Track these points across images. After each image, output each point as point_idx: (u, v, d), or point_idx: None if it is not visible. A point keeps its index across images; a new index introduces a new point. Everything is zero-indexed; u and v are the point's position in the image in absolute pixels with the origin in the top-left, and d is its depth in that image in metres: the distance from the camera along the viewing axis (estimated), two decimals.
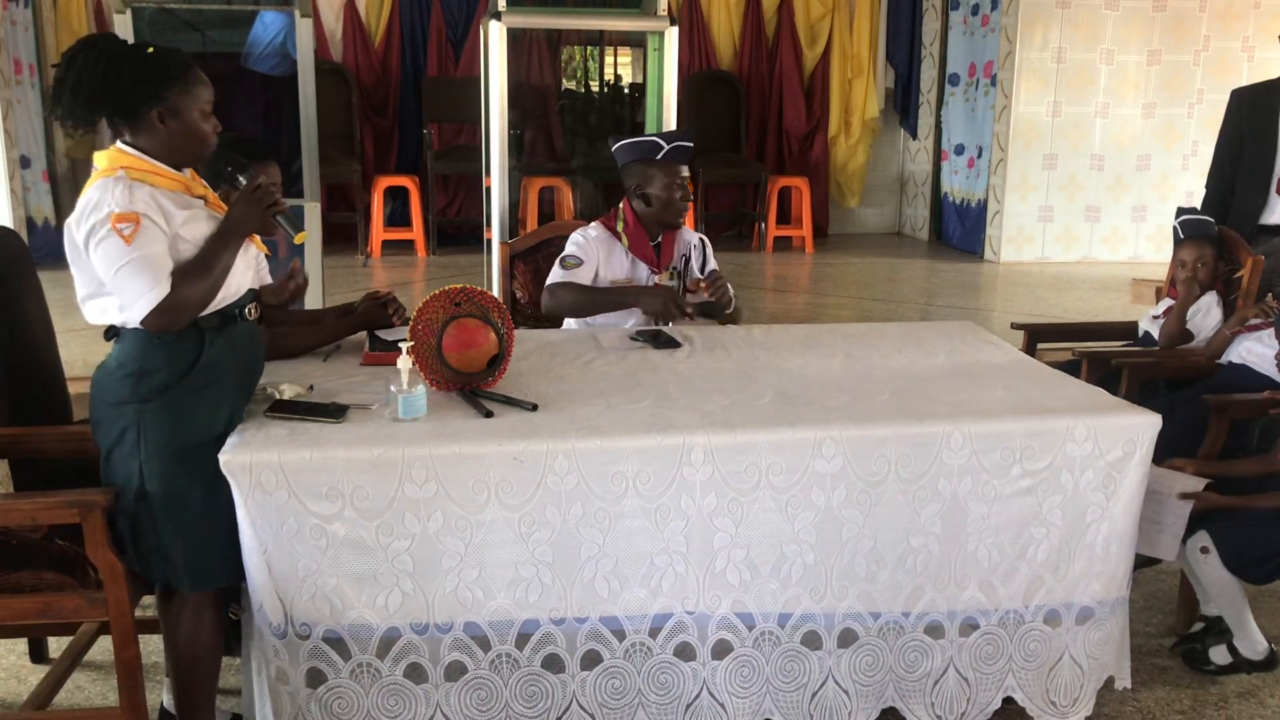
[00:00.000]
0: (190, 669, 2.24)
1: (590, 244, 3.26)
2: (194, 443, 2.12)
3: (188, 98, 2.11)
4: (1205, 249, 3.58)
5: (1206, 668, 2.79)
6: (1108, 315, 6.35)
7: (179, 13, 6.50)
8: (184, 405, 2.12)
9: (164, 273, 2.04)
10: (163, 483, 2.11)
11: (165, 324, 2.06)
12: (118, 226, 2.01)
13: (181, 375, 2.12)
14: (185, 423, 2.12)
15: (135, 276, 2.02)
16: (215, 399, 2.17)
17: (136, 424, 2.11)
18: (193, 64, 2.15)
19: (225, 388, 2.19)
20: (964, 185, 9.04)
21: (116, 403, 2.12)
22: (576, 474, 2.15)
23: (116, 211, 2.02)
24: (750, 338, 3.00)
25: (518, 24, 5.19)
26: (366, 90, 8.69)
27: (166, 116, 2.11)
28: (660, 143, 3.23)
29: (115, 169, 2.08)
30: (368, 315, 2.86)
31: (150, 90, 2.08)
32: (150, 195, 2.07)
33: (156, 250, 2.05)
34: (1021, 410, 2.38)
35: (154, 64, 2.09)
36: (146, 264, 2.02)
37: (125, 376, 2.11)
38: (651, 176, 3.23)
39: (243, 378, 2.27)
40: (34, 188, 7.61)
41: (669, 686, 2.29)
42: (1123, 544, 2.39)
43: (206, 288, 2.10)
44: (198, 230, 2.13)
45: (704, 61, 9.20)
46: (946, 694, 2.39)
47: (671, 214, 3.26)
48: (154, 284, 2.03)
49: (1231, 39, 8.33)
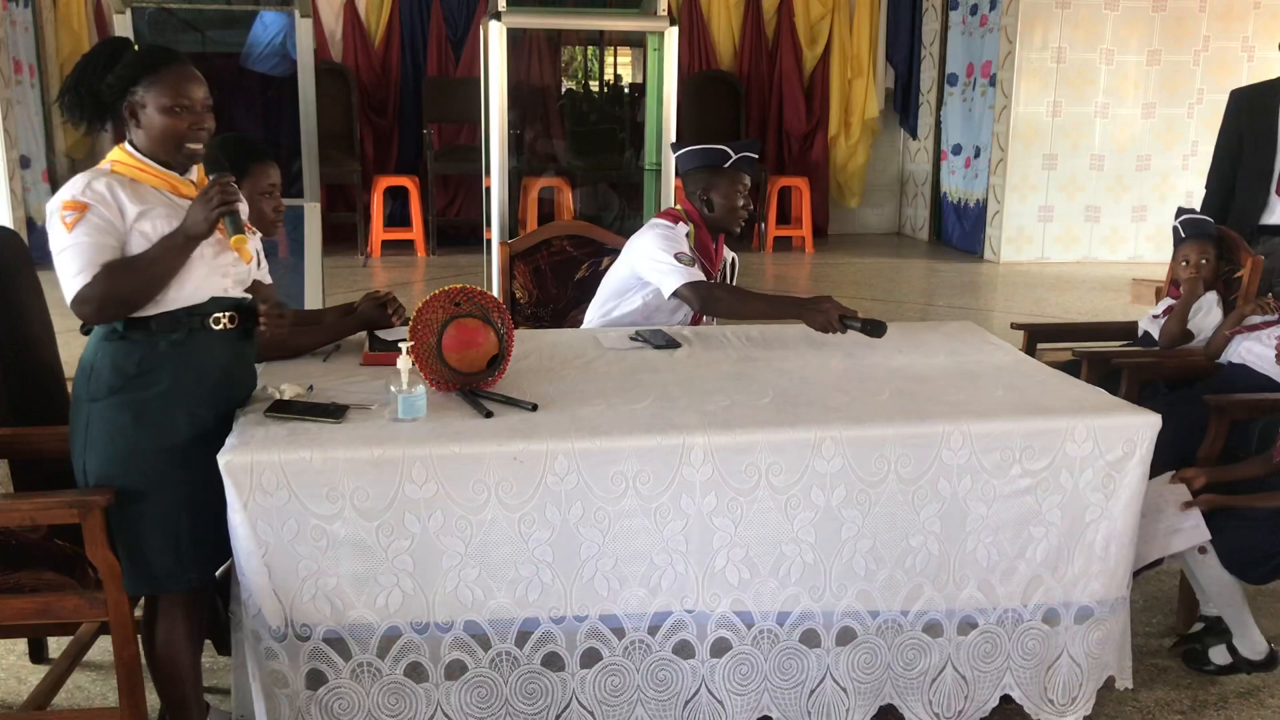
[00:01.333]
0: (168, 674, 2.24)
1: (682, 240, 3.26)
2: (138, 448, 2.10)
3: (155, 92, 2.08)
4: (1206, 248, 3.58)
5: (1206, 668, 2.79)
6: (1108, 315, 6.36)
7: (179, 13, 6.50)
8: (128, 408, 2.10)
9: (94, 263, 2.03)
10: (100, 482, 2.12)
11: (85, 314, 2.07)
12: (63, 214, 2.03)
13: (126, 376, 2.09)
14: (129, 426, 2.10)
15: (67, 263, 2.03)
16: (166, 406, 2.12)
17: (85, 421, 2.12)
18: (173, 59, 2.11)
19: (178, 396, 2.13)
20: (962, 185, 9.05)
21: (75, 399, 2.15)
22: (576, 474, 2.15)
23: (66, 200, 2.04)
24: (750, 338, 3.00)
25: (518, 24, 5.20)
26: (366, 90, 8.70)
27: (137, 110, 2.10)
28: (728, 151, 3.27)
29: (105, 163, 2.12)
30: (367, 315, 2.86)
31: (119, 85, 2.09)
32: (109, 187, 2.06)
33: (94, 240, 2.03)
34: (1021, 410, 2.38)
35: (129, 60, 2.09)
36: (78, 251, 2.02)
37: (81, 374, 2.14)
38: (717, 183, 3.26)
39: (209, 388, 2.19)
40: (34, 188, 7.62)
41: (668, 683, 2.29)
42: (1122, 544, 2.39)
43: (136, 285, 2.06)
44: (154, 227, 2.09)
45: (704, 61, 9.21)
46: (944, 691, 2.39)
47: (733, 220, 3.30)
48: (79, 271, 2.02)
49: (1231, 39, 8.33)
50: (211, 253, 2.15)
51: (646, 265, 3.18)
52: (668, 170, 5.08)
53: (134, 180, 2.10)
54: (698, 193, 3.29)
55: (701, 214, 3.30)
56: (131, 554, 2.14)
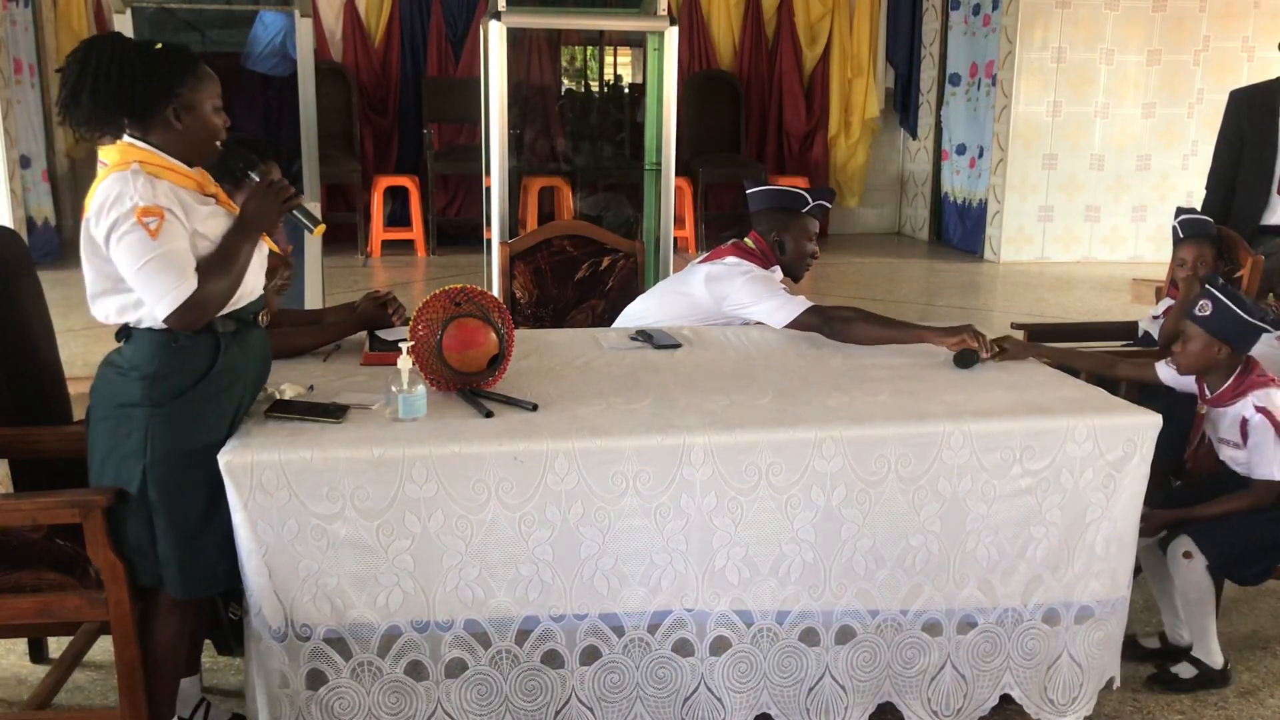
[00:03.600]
0: (163, 668, 2.24)
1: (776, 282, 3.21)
2: (200, 447, 2.09)
3: (200, 93, 2.09)
4: (1205, 248, 3.57)
5: (1177, 686, 2.75)
6: (1108, 315, 6.35)
7: (179, 13, 6.49)
8: (195, 410, 2.10)
9: (189, 269, 2.02)
10: (167, 488, 2.09)
11: (189, 322, 2.04)
12: (143, 220, 1.97)
13: (197, 379, 2.10)
14: (194, 428, 2.10)
15: (160, 272, 1.99)
16: (226, 405, 2.15)
17: (145, 427, 2.07)
18: (200, 59, 2.12)
19: (237, 393, 2.17)
20: (966, 185, 9.04)
21: (125, 404, 2.09)
22: (576, 474, 2.15)
23: (141, 205, 1.98)
24: (750, 338, 3.00)
25: (518, 24, 5.19)
26: (366, 90, 8.70)
27: (181, 112, 2.07)
28: (807, 198, 3.28)
29: (129, 163, 2.03)
30: (368, 315, 2.86)
31: (164, 87, 2.05)
32: (170, 189, 2.04)
33: (181, 246, 2.02)
34: (1021, 410, 2.38)
35: (165, 60, 2.07)
36: (171, 259, 1.99)
37: (139, 379, 2.08)
38: (790, 226, 3.26)
39: (254, 385, 2.26)
40: (34, 188, 7.62)
41: (667, 681, 2.30)
42: (1123, 544, 2.39)
43: (228, 284, 2.08)
44: (216, 227, 2.10)
45: (704, 61, 9.21)
46: (943, 690, 2.40)
47: (802, 265, 3.31)
48: (180, 280, 2.00)
49: (1231, 39, 8.33)
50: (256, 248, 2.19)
51: (752, 312, 3.11)
52: (668, 170, 5.08)
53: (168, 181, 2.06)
54: (769, 232, 3.28)
55: (775, 254, 3.28)
56: (194, 555, 2.12)
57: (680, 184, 7.86)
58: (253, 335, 2.22)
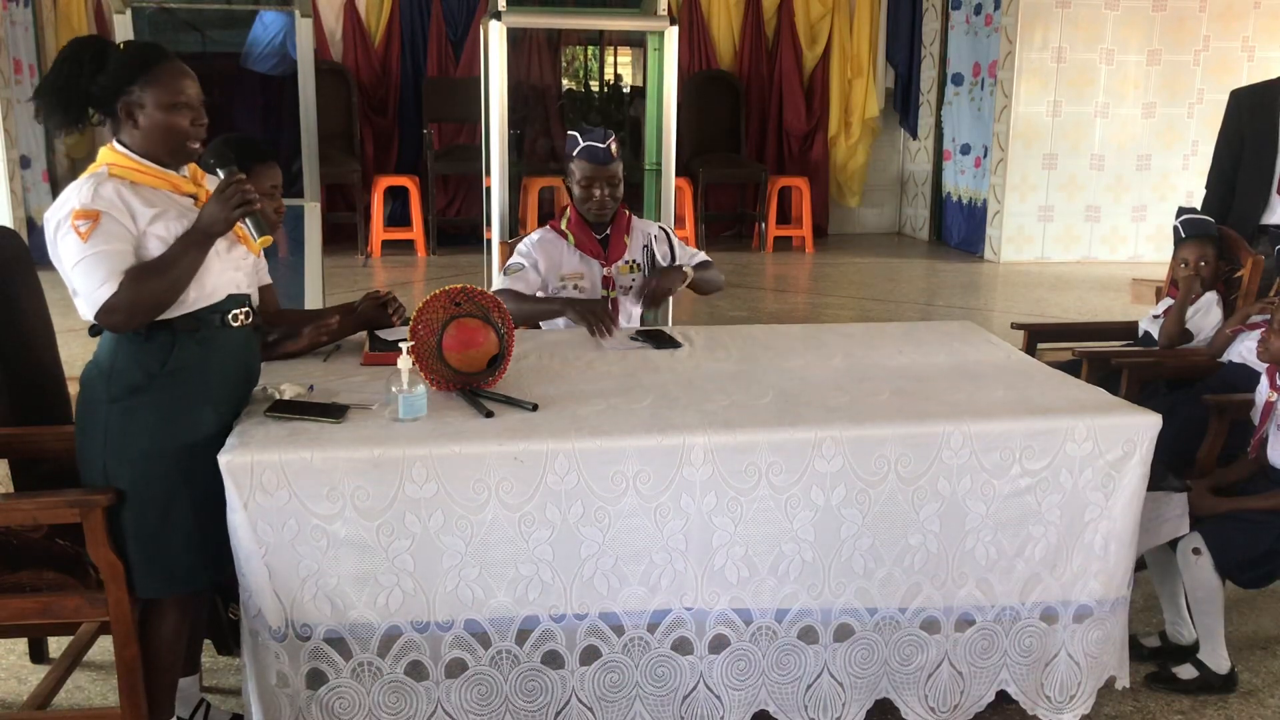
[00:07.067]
0: (162, 668, 2.25)
1: (534, 247, 3.27)
2: (165, 447, 2.10)
3: (153, 90, 2.07)
4: (1206, 248, 3.57)
5: (1176, 686, 2.75)
6: (1108, 315, 6.36)
7: (179, 13, 6.51)
8: (154, 408, 2.10)
9: (116, 271, 2.01)
10: (123, 485, 2.10)
11: (115, 323, 2.05)
12: (75, 223, 2.00)
13: (151, 376, 2.10)
14: (155, 426, 2.10)
15: (87, 274, 2.01)
16: (191, 404, 2.13)
17: (104, 423, 2.10)
18: (165, 57, 2.10)
19: (203, 393, 2.15)
20: (971, 185, 9.03)
21: (91, 400, 2.12)
22: (576, 473, 2.15)
23: (76, 208, 2.01)
24: (750, 338, 3.00)
25: (518, 24, 5.19)
26: (366, 90, 8.70)
27: (134, 110, 2.07)
28: (577, 139, 3.24)
29: (100, 166, 2.08)
30: (368, 315, 2.86)
31: (114, 85, 2.06)
32: (116, 192, 2.04)
33: (113, 248, 2.02)
34: (1021, 410, 2.38)
35: (121, 58, 2.07)
36: (98, 261, 2.00)
37: (99, 375, 2.12)
38: (571, 172, 3.24)
39: (231, 385, 2.23)
40: (34, 188, 7.62)
41: (666, 679, 2.30)
42: (1122, 544, 2.39)
43: (163, 288, 2.05)
44: (168, 229, 2.08)
45: (704, 61, 9.21)
46: (940, 687, 2.40)
47: (587, 210, 3.26)
48: (103, 281, 2.01)
49: (1231, 39, 8.33)
50: (225, 248, 2.16)
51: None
52: (668, 170, 5.08)
53: (134, 182, 2.08)
54: (566, 184, 3.26)
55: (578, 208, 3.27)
56: (150, 555, 2.13)
57: (680, 184, 7.86)
58: (222, 335, 2.19)
